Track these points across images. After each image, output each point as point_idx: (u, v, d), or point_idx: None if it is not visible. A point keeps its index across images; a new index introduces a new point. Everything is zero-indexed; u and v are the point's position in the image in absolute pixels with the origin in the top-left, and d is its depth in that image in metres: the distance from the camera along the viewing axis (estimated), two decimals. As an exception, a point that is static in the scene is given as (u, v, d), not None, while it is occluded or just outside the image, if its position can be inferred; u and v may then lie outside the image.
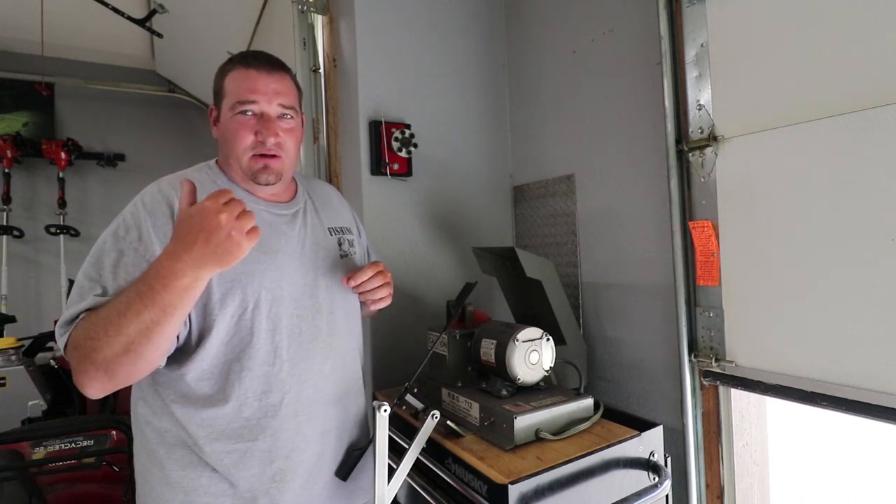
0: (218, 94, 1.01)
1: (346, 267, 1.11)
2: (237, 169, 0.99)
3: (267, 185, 1.00)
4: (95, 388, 0.80)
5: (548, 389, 1.25)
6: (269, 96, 0.97)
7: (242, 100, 0.96)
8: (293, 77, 1.06)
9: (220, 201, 0.74)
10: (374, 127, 1.70)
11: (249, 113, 0.97)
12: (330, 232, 1.12)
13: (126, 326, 0.75)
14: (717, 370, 1.27)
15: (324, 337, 1.04)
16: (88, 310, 0.81)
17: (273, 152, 0.98)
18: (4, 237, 3.89)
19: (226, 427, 0.92)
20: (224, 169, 1.03)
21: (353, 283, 1.04)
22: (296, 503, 0.97)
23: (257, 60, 0.99)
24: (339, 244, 1.12)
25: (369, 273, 1.04)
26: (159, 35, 3.42)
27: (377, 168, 1.69)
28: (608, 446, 1.06)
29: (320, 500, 1.02)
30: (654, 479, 1.12)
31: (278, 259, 0.99)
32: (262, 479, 0.94)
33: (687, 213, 1.33)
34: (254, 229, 0.77)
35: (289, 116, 1.00)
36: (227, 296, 0.92)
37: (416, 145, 1.73)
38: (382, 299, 1.11)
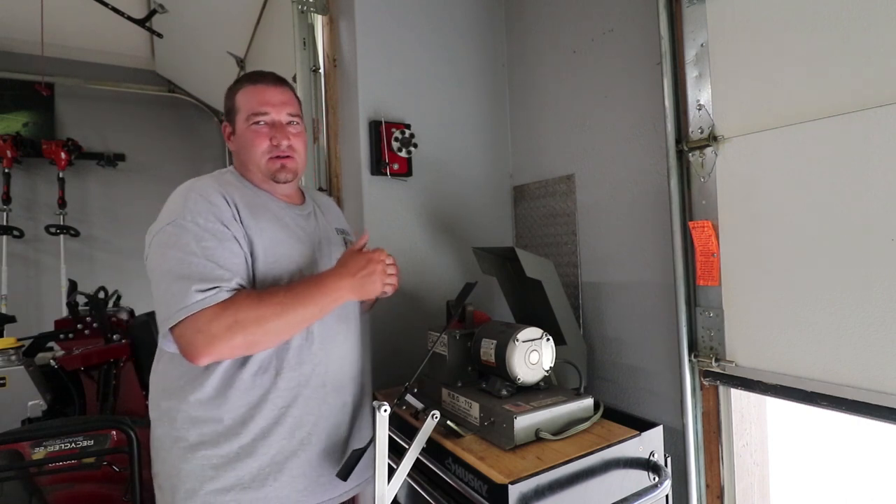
0: (231, 111, 1.14)
1: None
2: (256, 172, 1.12)
3: (285, 182, 1.13)
4: (218, 356, 0.94)
5: (548, 389, 1.25)
6: (278, 107, 1.11)
7: (256, 111, 1.09)
8: (294, 90, 1.19)
9: (382, 257, 1.07)
10: (374, 127, 1.70)
11: (263, 122, 1.10)
12: (337, 232, 1.26)
13: (297, 315, 0.97)
14: (717, 370, 1.27)
15: (343, 320, 1.17)
16: (234, 289, 0.95)
17: (287, 153, 1.12)
18: (4, 237, 3.89)
19: (262, 396, 1.02)
20: (244, 174, 1.15)
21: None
22: (319, 466, 1.08)
23: (263, 77, 1.14)
24: (345, 243, 1.27)
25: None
26: (159, 35, 3.42)
27: (377, 168, 1.70)
28: (608, 446, 1.06)
29: (337, 466, 1.10)
30: (654, 479, 1.12)
31: (307, 246, 1.13)
32: (291, 442, 1.05)
33: (687, 213, 1.33)
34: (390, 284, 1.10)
35: (296, 122, 1.15)
36: (267, 275, 1.04)
37: (416, 145, 1.73)
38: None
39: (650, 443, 1.13)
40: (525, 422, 1.08)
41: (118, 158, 4.38)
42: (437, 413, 0.99)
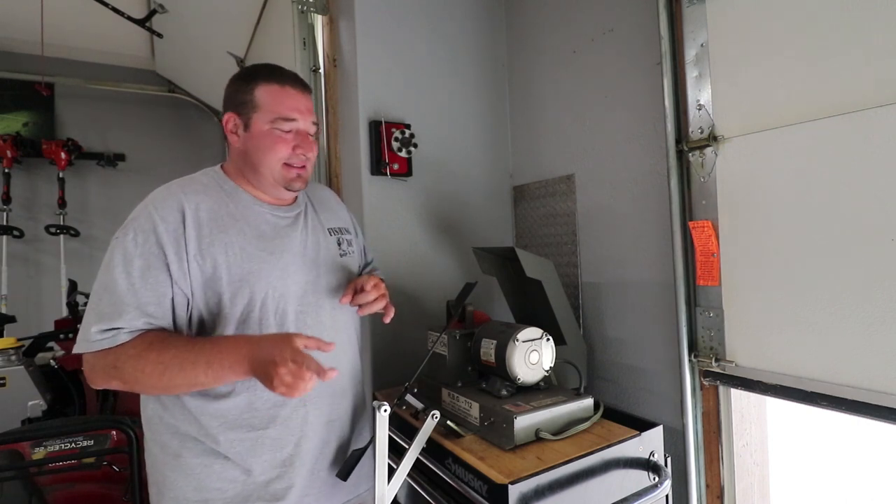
0: (246, 104, 1.03)
1: (345, 266, 1.16)
2: (267, 176, 1.05)
3: (297, 191, 1.10)
4: (104, 388, 0.93)
5: (548, 389, 1.25)
6: (306, 115, 1.06)
7: (285, 116, 1.03)
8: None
9: (292, 367, 0.84)
10: (374, 127, 1.70)
11: (289, 129, 1.04)
12: (329, 232, 1.18)
13: (182, 378, 0.88)
14: (718, 370, 1.27)
15: (328, 331, 1.08)
16: (136, 330, 0.90)
17: (304, 163, 1.07)
18: (4, 237, 3.89)
19: (238, 417, 0.98)
20: (232, 175, 1.08)
21: (355, 303, 1.09)
22: (305, 487, 1.03)
23: (291, 79, 1.07)
24: (339, 244, 1.18)
25: (372, 296, 1.09)
26: (159, 35, 3.42)
27: (377, 168, 1.70)
28: (608, 446, 1.06)
29: (326, 486, 1.07)
30: (654, 479, 1.12)
31: (283, 259, 1.04)
32: (273, 464, 1.00)
33: (687, 213, 1.33)
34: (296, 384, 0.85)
35: (314, 131, 1.10)
36: (236, 294, 0.98)
37: (416, 145, 1.73)
38: (383, 309, 1.14)
39: (650, 443, 1.13)
40: (525, 422, 1.08)
41: (118, 158, 4.38)
42: (437, 413, 0.99)
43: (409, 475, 1.02)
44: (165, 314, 0.94)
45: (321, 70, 1.97)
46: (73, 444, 1.79)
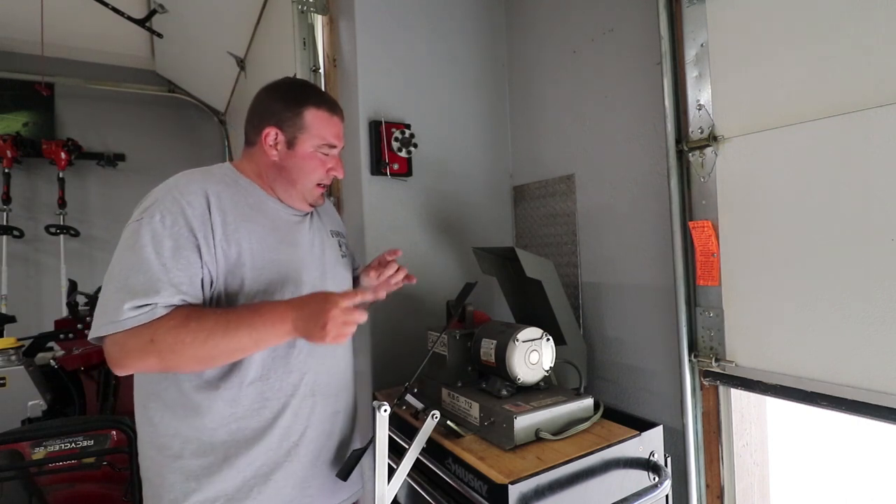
0: (293, 123, 1.08)
1: (346, 266, 1.23)
2: (300, 191, 1.11)
3: (317, 205, 1.17)
4: (134, 370, 0.91)
5: (548, 389, 1.25)
6: (342, 140, 1.15)
7: (331, 143, 1.11)
8: None
9: (345, 303, 0.91)
10: (374, 127, 1.70)
11: (329, 154, 1.12)
12: (331, 234, 1.23)
13: (225, 344, 0.89)
14: (718, 370, 1.27)
15: None
16: (171, 306, 0.90)
17: (330, 182, 1.15)
18: (4, 237, 3.89)
19: (249, 406, 1.00)
20: (246, 173, 1.11)
21: (382, 278, 1.23)
22: (306, 477, 1.06)
23: (338, 109, 1.14)
24: (339, 246, 1.24)
25: (394, 267, 1.24)
26: (159, 35, 3.42)
27: (377, 168, 1.70)
28: (608, 446, 1.06)
29: (328, 481, 1.10)
30: (654, 479, 1.12)
31: (299, 252, 1.10)
32: (278, 453, 1.02)
33: (687, 213, 1.33)
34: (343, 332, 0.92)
35: None
36: (257, 280, 1.01)
37: (416, 145, 1.73)
38: (406, 279, 1.27)
39: (650, 443, 1.13)
40: (525, 422, 1.07)
41: (118, 158, 4.38)
42: (437, 413, 1.00)
43: (409, 475, 1.02)
44: (197, 294, 0.95)
45: (321, 70, 1.96)
46: (73, 444, 1.79)
